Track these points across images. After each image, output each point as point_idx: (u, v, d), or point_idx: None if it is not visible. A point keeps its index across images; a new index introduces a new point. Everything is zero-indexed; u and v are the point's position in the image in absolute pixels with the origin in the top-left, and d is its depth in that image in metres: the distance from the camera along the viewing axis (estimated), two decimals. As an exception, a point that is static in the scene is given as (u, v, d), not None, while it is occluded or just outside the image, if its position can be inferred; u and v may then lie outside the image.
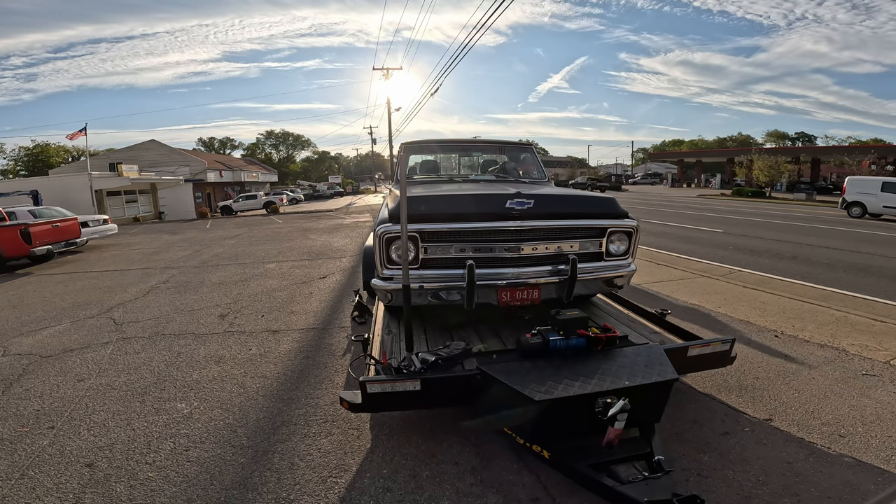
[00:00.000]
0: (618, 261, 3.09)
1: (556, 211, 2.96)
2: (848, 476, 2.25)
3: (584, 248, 2.99)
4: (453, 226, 2.80)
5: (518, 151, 4.95)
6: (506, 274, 2.85)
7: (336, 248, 10.69)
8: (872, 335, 4.17)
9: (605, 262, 3.05)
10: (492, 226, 2.81)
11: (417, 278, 2.79)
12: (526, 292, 2.87)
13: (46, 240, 10.16)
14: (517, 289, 2.85)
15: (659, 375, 2.21)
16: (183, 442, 2.71)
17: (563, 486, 2.19)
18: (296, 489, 2.27)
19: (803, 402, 3.01)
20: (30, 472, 2.47)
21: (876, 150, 32.39)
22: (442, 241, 2.82)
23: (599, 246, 3.02)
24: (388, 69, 31.68)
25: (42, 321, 5.45)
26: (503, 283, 2.83)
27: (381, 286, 2.87)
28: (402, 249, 2.49)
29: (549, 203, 2.96)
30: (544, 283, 2.89)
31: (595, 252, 3.03)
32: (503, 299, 2.85)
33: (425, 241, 2.79)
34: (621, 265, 3.09)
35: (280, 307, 5.61)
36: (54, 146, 52.63)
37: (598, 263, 3.04)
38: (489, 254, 2.85)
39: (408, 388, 2.27)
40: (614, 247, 3.08)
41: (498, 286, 2.83)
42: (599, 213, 3.03)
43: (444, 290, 2.82)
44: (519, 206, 2.82)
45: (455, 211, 2.86)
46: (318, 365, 3.80)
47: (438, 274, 2.83)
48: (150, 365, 3.92)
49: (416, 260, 2.80)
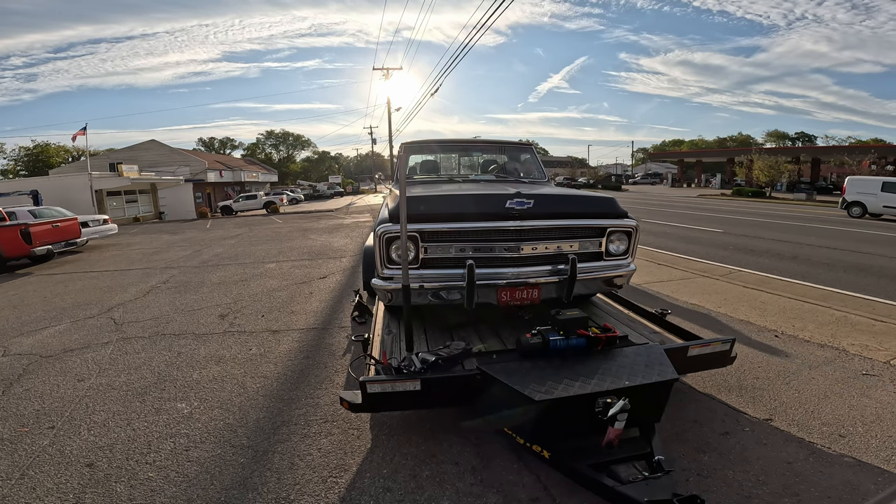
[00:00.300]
0: (617, 260, 3.09)
1: (556, 211, 2.95)
2: (848, 476, 2.25)
3: (584, 247, 2.99)
4: (453, 226, 2.80)
5: (518, 151, 4.96)
6: (506, 274, 2.85)
7: (336, 248, 10.69)
8: (873, 335, 4.17)
9: (604, 262, 3.05)
10: (491, 226, 2.81)
11: (417, 278, 2.79)
12: (526, 292, 2.87)
13: (46, 240, 10.16)
14: (517, 288, 2.85)
15: (659, 375, 2.21)
16: (183, 442, 2.71)
17: (563, 486, 2.19)
18: (296, 489, 2.27)
19: (803, 402, 3.01)
20: (30, 471, 2.47)
21: (876, 150, 32.37)
22: (442, 241, 2.82)
23: (599, 246, 3.02)
24: (387, 69, 31.70)
25: (42, 321, 5.45)
26: (503, 282, 2.83)
27: (382, 286, 2.87)
28: (402, 249, 2.49)
29: (549, 203, 2.97)
30: (544, 282, 2.89)
31: (595, 252, 3.03)
32: (503, 299, 2.86)
33: (425, 240, 2.79)
34: (621, 265, 3.09)
35: (280, 307, 5.61)
36: (54, 146, 52.64)
37: (597, 263, 3.04)
38: (489, 253, 2.86)
39: (408, 388, 2.27)
40: (614, 246, 3.08)
41: (498, 286, 2.83)
42: (599, 213, 3.03)
43: (445, 289, 2.82)
44: (519, 206, 2.82)
45: (455, 211, 2.86)
46: (318, 365, 3.80)
47: (438, 274, 2.83)
48: (151, 365, 3.92)
49: (416, 260, 2.80)
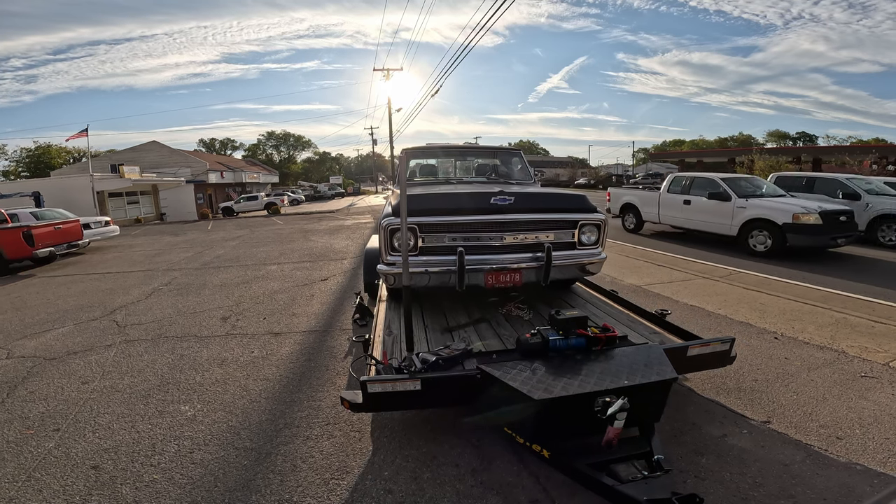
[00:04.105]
0: (589, 249, 3.49)
1: (534, 206, 3.38)
2: (844, 478, 2.27)
3: (559, 238, 3.40)
4: (446, 219, 3.21)
5: (508, 156, 5.45)
6: (491, 260, 3.25)
7: (337, 249, 10.72)
8: (872, 337, 4.19)
9: (577, 251, 3.46)
10: (478, 219, 3.24)
11: (416, 263, 3.14)
12: (509, 276, 3.27)
13: (49, 242, 10.21)
14: (501, 272, 3.25)
15: (658, 375, 2.22)
16: (187, 444, 2.74)
17: (562, 488, 2.22)
18: (298, 491, 2.30)
19: (801, 404, 3.02)
20: (36, 474, 2.50)
21: (877, 150, 32.35)
22: (437, 232, 3.23)
23: (572, 236, 3.44)
24: (388, 70, 31.73)
25: (45, 323, 5.49)
26: (489, 267, 3.22)
27: (386, 270, 3.28)
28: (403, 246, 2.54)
29: (527, 200, 3.40)
30: (525, 267, 3.27)
31: (569, 242, 3.45)
32: (489, 282, 3.24)
33: (423, 231, 3.19)
34: (592, 254, 3.48)
35: (282, 309, 5.64)
36: (56, 147, 52.73)
37: (571, 252, 3.44)
38: (477, 242, 3.27)
39: (408, 387, 2.30)
40: (586, 237, 3.49)
41: (485, 270, 3.22)
42: (571, 209, 3.45)
43: (440, 273, 3.20)
44: (501, 202, 3.25)
45: (447, 206, 3.27)
46: (320, 367, 3.83)
47: (434, 259, 3.22)
48: (154, 367, 3.95)
49: (416, 248, 3.20)
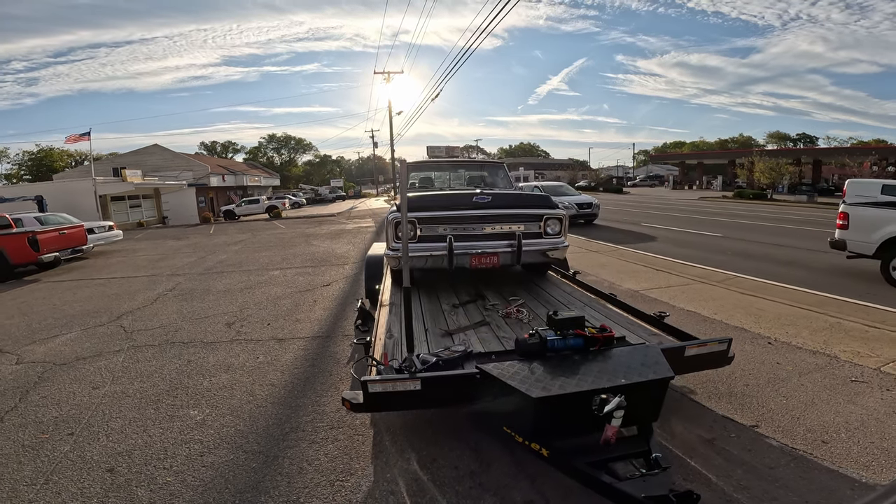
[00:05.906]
0: (553, 238, 4.31)
1: (507, 203, 4.30)
2: (826, 481, 2.36)
3: (529, 229, 4.24)
4: (439, 213, 4.08)
5: (493, 168, 6.49)
6: (475, 246, 4.09)
7: (339, 254, 10.82)
8: (865, 341, 4.26)
9: (543, 239, 4.28)
10: (464, 213, 4.11)
11: (415, 249, 3.93)
12: (488, 258, 4.09)
13: (53, 247, 10.34)
14: (483, 255, 4.06)
15: (655, 374, 2.26)
16: (198, 448, 2.85)
17: (557, 489, 2.32)
18: (305, 492, 2.40)
19: (790, 408, 3.11)
20: (54, 477, 2.61)
21: (877, 152, 32.40)
22: (431, 224, 4.07)
23: (539, 228, 4.28)
24: (388, 73, 31.91)
25: (53, 329, 5.60)
26: (473, 252, 4.03)
27: (391, 255, 4.08)
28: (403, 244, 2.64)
29: (502, 198, 4.37)
30: (501, 252, 4.10)
31: (536, 232, 4.28)
32: (473, 263, 4.06)
33: (421, 223, 4.05)
34: (556, 242, 4.30)
35: (285, 315, 5.75)
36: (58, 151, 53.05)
37: (538, 240, 4.27)
38: (463, 231, 4.12)
39: (408, 387, 2.34)
40: (550, 229, 4.31)
41: (470, 254, 4.03)
42: (537, 205, 4.37)
43: (434, 257, 4.00)
44: (481, 200, 4.18)
45: (440, 203, 4.17)
46: (324, 373, 3.94)
47: (430, 246, 4.04)
48: (162, 373, 4.06)
49: (415, 237, 4.02)
